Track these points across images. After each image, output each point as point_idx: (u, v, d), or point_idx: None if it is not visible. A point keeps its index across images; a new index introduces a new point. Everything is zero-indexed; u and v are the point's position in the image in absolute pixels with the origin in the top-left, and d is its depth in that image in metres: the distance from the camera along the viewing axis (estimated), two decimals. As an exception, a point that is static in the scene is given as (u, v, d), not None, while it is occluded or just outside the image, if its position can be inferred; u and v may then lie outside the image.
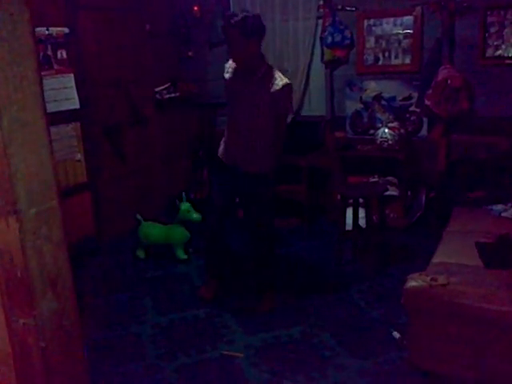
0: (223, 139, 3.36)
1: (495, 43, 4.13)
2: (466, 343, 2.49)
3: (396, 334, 2.92)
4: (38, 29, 3.80)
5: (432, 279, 2.55)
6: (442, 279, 2.54)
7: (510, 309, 2.36)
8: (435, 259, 2.91)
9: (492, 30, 4.13)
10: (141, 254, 4.23)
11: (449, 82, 4.14)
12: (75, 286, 2.85)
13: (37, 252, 1.02)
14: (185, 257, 4.16)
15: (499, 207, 3.56)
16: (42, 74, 3.88)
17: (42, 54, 3.90)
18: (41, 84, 0.98)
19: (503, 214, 3.49)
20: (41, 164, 1.00)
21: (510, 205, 3.58)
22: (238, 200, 3.60)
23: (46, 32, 3.87)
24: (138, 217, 4.21)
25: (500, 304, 2.38)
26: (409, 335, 2.68)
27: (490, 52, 4.17)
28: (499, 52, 4.14)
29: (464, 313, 2.45)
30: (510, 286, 2.48)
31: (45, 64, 3.92)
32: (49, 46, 3.94)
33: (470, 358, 2.49)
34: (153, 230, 4.16)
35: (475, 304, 2.42)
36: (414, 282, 2.58)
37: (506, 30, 4.08)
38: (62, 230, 1.07)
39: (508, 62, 4.13)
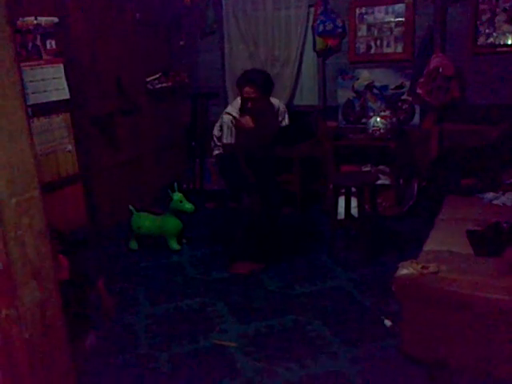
0: None
1: (487, 31, 4.13)
2: (457, 330, 2.50)
3: (387, 322, 2.93)
4: (26, 18, 3.76)
5: (423, 267, 2.56)
6: (432, 267, 2.55)
7: (499, 296, 2.37)
8: (427, 247, 2.92)
9: (483, 17, 4.12)
10: (134, 245, 4.22)
11: (441, 70, 4.14)
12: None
13: (18, 242, 1.01)
14: (178, 247, 4.16)
15: (490, 195, 3.58)
16: (31, 64, 3.84)
17: (30, 44, 3.86)
18: (19, 73, 0.97)
19: (494, 202, 3.51)
20: (21, 153, 0.99)
21: (501, 192, 3.60)
22: None
23: (35, 21, 3.83)
24: (131, 207, 4.20)
25: (490, 291, 2.40)
26: (400, 323, 2.70)
27: (481, 40, 4.17)
28: (491, 40, 4.14)
29: (454, 300, 2.46)
30: (500, 274, 2.50)
31: (34, 54, 3.88)
32: (38, 36, 3.89)
33: (460, 346, 2.51)
34: (145, 221, 4.15)
35: (465, 291, 2.43)
36: (404, 269, 2.59)
37: (497, 18, 4.08)
38: (44, 220, 1.06)
39: (499, 49, 4.13)
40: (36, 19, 3.83)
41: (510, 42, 4.10)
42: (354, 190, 3.98)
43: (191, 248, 4.22)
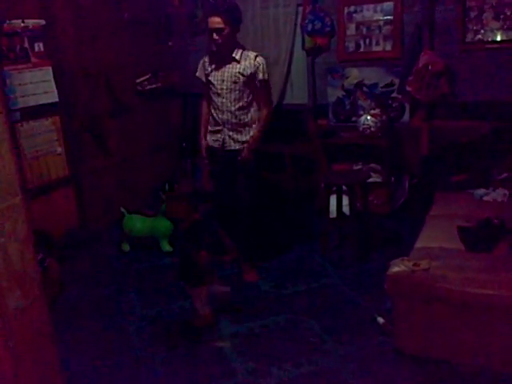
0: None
1: (475, 28, 4.14)
2: (449, 327, 2.52)
3: (380, 320, 2.93)
4: (13, 21, 3.74)
5: (414, 264, 2.57)
6: (424, 264, 2.56)
7: (491, 292, 2.39)
8: (418, 244, 2.93)
9: (471, 14, 4.13)
10: (125, 247, 4.21)
11: (430, 67, 4.15)
12: (61, 279, 2.81)
13: (1, 250, 0.99)
14: (170, 249, 4.15)
15: (481, 191, 3.59)
16: (20, 67, 3.82)
17: (18, 47, 3.83)
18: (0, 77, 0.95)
19: (485, 198, 3.52)
20: (2, 160, 0.97)
21: (491, 188, 3.61)
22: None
23: (22, 24, 3.80)
24: (122, 209, 4.18)
25: (481, 287, 2.41)
26: (393, 320, 2.71)
27: (469, 37, 4.18)
28: (479, 36, 4.15)
29: (446, 297, 2.48)
30: (491, 270, 2.51)
31: (22, 57, 3.86)
32: (25, 39, 3.87)
33: (452, 342, 2.53)
34: (137, 223, 4.13)
35: (457, 288, 2.45)
36: (396, 267, 2.60)
37: (485, 15, 4.09)
38: (28, 227, 1.05)
39: (488, 46, 4.14)
40: (23, 22, 3.81)
41: (498, 39, 4.11)
42: (345, 188, 3.98)
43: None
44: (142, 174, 5.01)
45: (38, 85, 3.95)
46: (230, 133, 3.49)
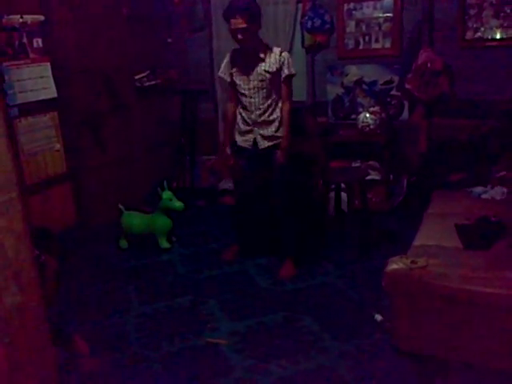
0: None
1: (474, 25, 4.14)
2: (446, 325, 2.51)
3: (378, 317, 2.94)
4: (11, 16, 3.73)
5: (412, 262, 2.57)
6: (421, 261, 2.56)
7: (489, 290, 2.39)
8: (416, 242, 2.93)
9: (471, 12, 4.13)
10: (123, 243, 4.20)
11: (429, 65, 4.15)
12: (59, 277, 2.82)
13: (-2, 245, 0.99)
14: (168, 246, 4.15)
15: (479, 189, 3.59)
16: (18, 63, 3.81)
17: (17, 42, 3.82)
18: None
19: (483, 196, 3.52)
20: (-1, 154, 0.98)
21: (489, 186, 3.61)
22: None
23: (20, 20, 3.79)
24: (120, 206, 4.18)
25: (479, 285, 2.41)
26: (390, 318, 2.71)
27: (469, 34, 4.19)
28: (478, 34, 4.15)
29: (443, 294, 2.47)
30: (488, 267, 2.51)
31: (20, 53, 3.85)
32: (24, 35, 3.86)
33: (450, 340, 2.52)
34: (135, 220, 4.13)
35: (454, 285, 2.44)
36: (394, 264, 2.60)
37: (485, 12, 4.09)
38: (24, 222, 1.04)
39: (487, 44, 4.14)
40: (22, 17, 3.79)
41: (497, 36, 4.11)
42: (343, 185, 3.98)
43: (181, 246, 4.21)
44: (140, 171, 5.00)
45: (36, 81, 3.94)
46: (261, 131, 3.48)
